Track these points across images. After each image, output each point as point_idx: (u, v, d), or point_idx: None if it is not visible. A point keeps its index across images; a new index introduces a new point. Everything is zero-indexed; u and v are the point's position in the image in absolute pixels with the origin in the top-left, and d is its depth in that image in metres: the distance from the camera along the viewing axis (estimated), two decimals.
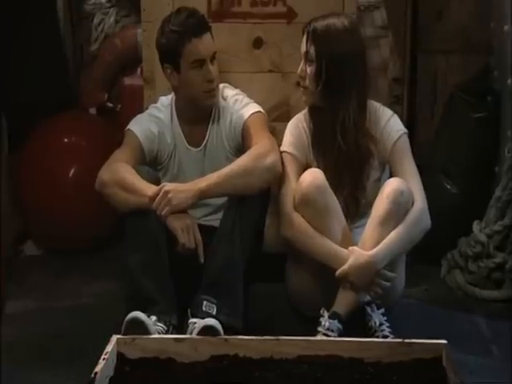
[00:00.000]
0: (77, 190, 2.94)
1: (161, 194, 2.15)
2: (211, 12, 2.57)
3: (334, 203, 2.24)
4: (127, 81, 3.28)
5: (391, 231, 2.17)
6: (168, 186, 2.18)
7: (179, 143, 2.44)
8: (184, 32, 2.28)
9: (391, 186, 2.20)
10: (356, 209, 2.34)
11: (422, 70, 3.13)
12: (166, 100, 2.48)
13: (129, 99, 3.20)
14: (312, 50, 2.27)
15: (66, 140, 3.06)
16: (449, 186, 2.84)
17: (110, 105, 3.34)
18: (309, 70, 2.29)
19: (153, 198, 2.15)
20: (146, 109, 2.50)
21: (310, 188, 2.20)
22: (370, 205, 2.25)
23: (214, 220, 2.36)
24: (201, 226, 2.34)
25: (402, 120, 2.41)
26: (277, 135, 2.45)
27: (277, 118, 2.58)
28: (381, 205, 2.19)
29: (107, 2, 3.45)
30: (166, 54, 2.34)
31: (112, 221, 2.71)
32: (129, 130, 2.40)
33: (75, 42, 3.49)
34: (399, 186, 2.19)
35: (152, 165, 2.42)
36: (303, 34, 2.31)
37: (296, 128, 2.38)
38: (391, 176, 2.32)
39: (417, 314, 2.49)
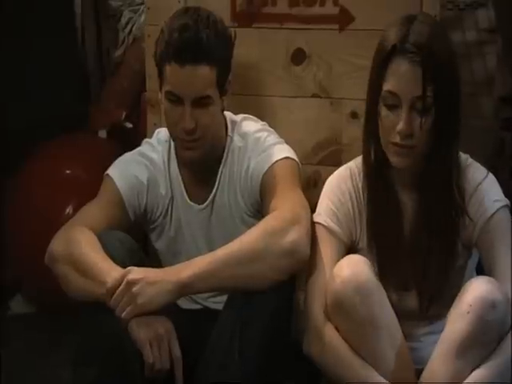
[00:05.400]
0: None
1: (123, 284, 1.46)
2: (236, 13, 1.96)
3: (384, 310, 1.48)
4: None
5: (474, 367, 1.41)
6: (135, 272, 1.47)
7: (178, 195, 1.77)
8: (167, 48, 1.61)
9: (476, 291, 1.42)
10: (430, 308, 1.59)
11: None
12: (165, 134, 1.79)
13: None
14: (430, 91, 1.47)
15: (62, 171, 2.45)
16: None
17: (130, 125, 2.67)
18: (425, 123, 1.49)
19: (112, 291, 1.47)
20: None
21: (346, 287, 1.45)
22: (450, 304, 1.50)
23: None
24: (205, 311, 1.73)
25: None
26: (321, 185, 1.78)
27: (323, 161, 1.97)
28: (458, 321, 1.42)
29: None
30: (157, 63, 1.68)
31: None
32: (107, 175, 1.75)
33: (100, 45, 2.90)
34: (489, 294, 1.41)
35: (141, 224, 1.77)
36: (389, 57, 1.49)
37: (338, 188, 1.64)
38: (479, 270, 1.54)
39: None
